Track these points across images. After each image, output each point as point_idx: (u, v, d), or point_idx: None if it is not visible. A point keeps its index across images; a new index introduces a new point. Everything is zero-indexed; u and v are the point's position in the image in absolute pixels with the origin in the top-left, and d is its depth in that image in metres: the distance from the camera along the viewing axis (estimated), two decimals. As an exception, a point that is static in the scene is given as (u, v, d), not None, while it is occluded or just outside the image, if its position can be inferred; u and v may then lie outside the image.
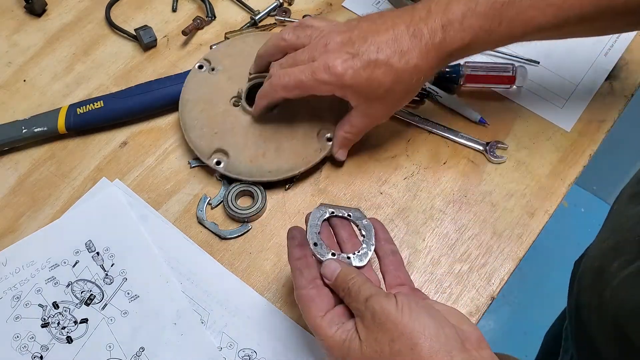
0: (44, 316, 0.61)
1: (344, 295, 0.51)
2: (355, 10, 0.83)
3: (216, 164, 0.67)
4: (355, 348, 0.48)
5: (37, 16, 0.82)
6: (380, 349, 0.46)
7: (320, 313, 0.51)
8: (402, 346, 0.46)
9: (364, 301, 0.49)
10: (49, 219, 0.67)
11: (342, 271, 0.52)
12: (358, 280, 0.51)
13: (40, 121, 0.71)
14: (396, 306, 0.47)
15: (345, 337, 0.49)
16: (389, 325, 0.46)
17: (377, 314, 0.47)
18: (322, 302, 0.52)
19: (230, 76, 0.72)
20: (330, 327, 0.50)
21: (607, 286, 0.61)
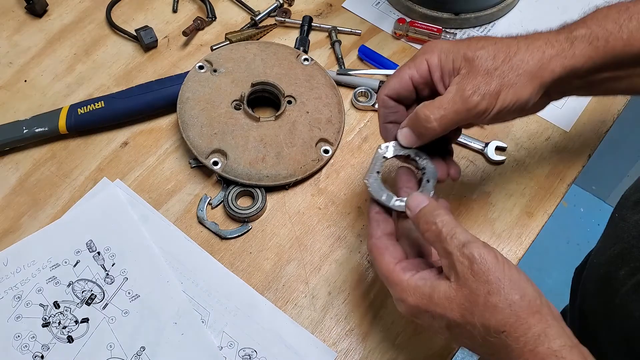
0: (45, 316, 0.61)
1: (427, 232, 0.49)
2: (355, 11, 0.84)
3: (213, 164, 0.67)
4: (442, 292, 0.46)
5: (38, 16, 0.82)
6: (474, 299, 0.45)
7: (394, 260, 0.50)
8: (500, 301, 0.44)
9: (459, 246, 0.47)
10: (50, 218, 0.67)
11: (429, 205, 0.50)
12: (449, 222, 0.48)
13: (41, 121, 0.71)
14: (496, 259, 0.46)
15: (423, 282, 0.48)
16: (490, 277, 0.45)
17: (476, 262, 0.45)
18: (395, 252, 0.51)
19: (233, 80, 0.73)
20: (405, 272, 0.49)
21: (616, 295, 0.60)
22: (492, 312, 0.44)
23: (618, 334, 0.61)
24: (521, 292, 0.45)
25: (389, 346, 0.61)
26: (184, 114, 0.70)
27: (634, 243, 0.61)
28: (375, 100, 0.75)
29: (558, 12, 0.84)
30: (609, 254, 0.65)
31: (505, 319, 0.44)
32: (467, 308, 0.45)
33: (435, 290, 0.47)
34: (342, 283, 0.64)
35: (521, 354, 0.44)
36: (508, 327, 0.44)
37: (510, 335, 0.44)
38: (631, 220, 0.64)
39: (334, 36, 0.80)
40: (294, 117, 0.71)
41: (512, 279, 0.45)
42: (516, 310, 0.44)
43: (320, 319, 0.62)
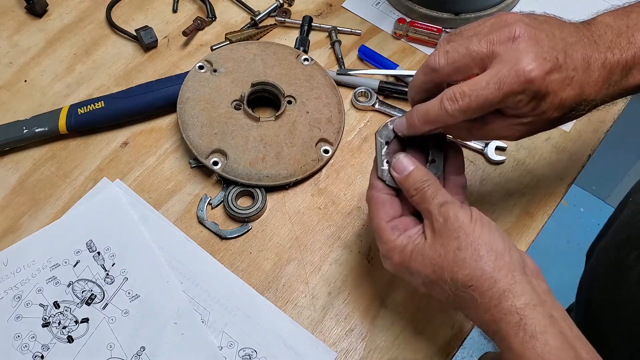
0: (45, 316, 0.61)
1: (414, 195, 0.51)
2: (355, 11, 0.84)
3: (213, 164, 0.67)
4: (418, 249, 0.49)
5: (38, 17, 0.82)
6: (444, 254, 0.48)
7: (386, 218, 0.52)
8: (468, 256, 0.47)
9: (438, 205, 0.49)
10: (50, 218, 0.67)
11: (416, 170, 0.52)
12: (434, 184, 0.51)
13: (41, 121, 0.71)
14: (470, 218, 0.48)
15: (406, 243, 0.50)
16: (460, 234, 0.47)
17: (450, 219, 0.48)
18: (391, 209, 0.53)
19: (233, 79, 0.73)
20: (393, 232, 0.51)
21: (625, 279, 0.60)
22: (460, 267, 0.47)
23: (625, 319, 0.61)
24: (489, 248, 0.47)
25: (389, 346, 0.61)
26: (184, 114, 0.70)
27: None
28: (374, 101, 0.75)
29: (558, 12, 0.83)
30: (619, 239, 0.65)
31: (472, 273, 0.46)
32: (437, 263, 0.48)
33: (415, 248, 0.50)
34: (342, 283, 0.64)
35: (487, 308, 0.46)
36: (474, 281, 0.46)
37: (476, 289, 0.46)
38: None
39: (334, 36, 0.80)
40: (294, 117, 0.71)
41: (481, 236, 0.47)
42: (482, 266, 0.46)
43: (320, 319, 0.62)
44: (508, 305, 0.45)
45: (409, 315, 0.62)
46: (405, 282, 0.63)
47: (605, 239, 0.71)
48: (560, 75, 0.48)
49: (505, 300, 0.45)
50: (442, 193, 0.51)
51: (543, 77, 0.47)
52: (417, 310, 0.63)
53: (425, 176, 0.51)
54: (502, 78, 0.47)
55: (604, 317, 0.65)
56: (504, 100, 0.47)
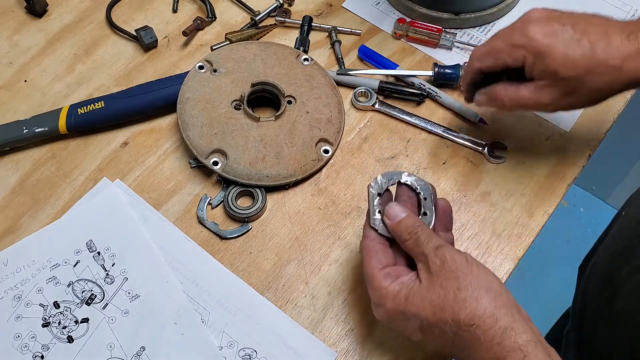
0: (45, 316, 0.61)
1: (407, 240, 0.52)
2: (355, 11, 0.84)
3: (213, 164, 0.67)
4: (414, 292, 0.50)
5: (38, 17, 0.82)
6: (443, 294, 0.48)
7: (379, 265, 0.53)
8: (469, 295, 0.47)
9: (433, 248, 0.50)
10: (50, 218, 0.67)
11: (408, 217, 0.53)
12: (426, 230, 0.52)
13: (41, 121, 0.71)
14: (466, 261, 0.49)
15: (399, 288, 0.51)
16: (459, 274, 0.48)
17: (447, 262, 0.49)
18: (384, 257, 0.53)
19: (233, 79, 0.73)
20: (386, 279, 0.52)
21: (617, 294, 0.60)
22: (461, 306, 0.47)
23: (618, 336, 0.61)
24: (488, 288, 0.48)
25: (388, 346, 0.61)
26: (184, 114, 0.70)
27: (636, 242, 0.61)
28: (375, 101, 0.75)
29: (558, 12, 0.84)
30: (612, 252, 0.65)
31: (474, 312, 0.47)
32: (438, 305, 0.48)
33: (410, 292, 0.50)
34: (342, 283, 0.64)
35: (490, 347, 0.46)
36: (477, 319, 0.47)
37: (479, 327, 0.46)
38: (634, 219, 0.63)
39: (334, 36, 0.80)
40: (294, 117, 0.71)
41: (479, 277, 0.49)
42: (483, 304, 0.47)
43: (320, 319, 0.62)
44: (511, 343, 0.46)
45: (409, 315, 0.62)
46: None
47: (597, 253, 0.71)
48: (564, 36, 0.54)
49: (508, 337, 0.46)
50: (436, 238, 0.52)
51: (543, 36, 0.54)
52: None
53: (417, 222, 0.53)
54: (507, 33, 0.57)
55: (598, 329, 0.65)
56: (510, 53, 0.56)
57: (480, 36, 0.82)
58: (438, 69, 0.75)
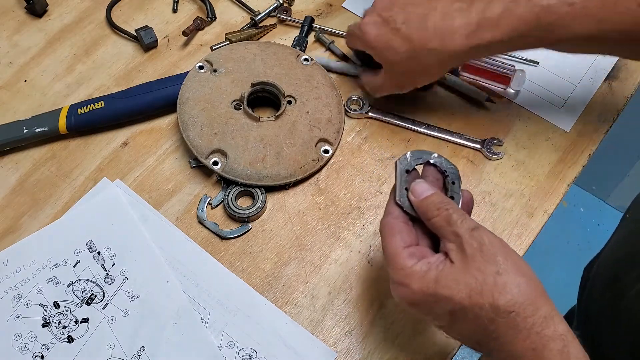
0: (45, 316, 0.61)
1: (435, 217, 0.50)
2: (355, 10, 0.84)
3: (213, 164, 0.67)
4: (446, 274, 0.47)
5: (38, 17, 0.82)
6: (482, 278, 0.45)
7: (402, 244, 0.50)
8: (509, 281, 0.45)
9: (469, 229, 0.48)
10: (50, 218, 0.67)
11: (436, 194, 0.51)
12: (458, 209, 0.50)
13: (41, 121, 0.71)
14: (503, 244, 0.47)
15: (427, 269, 0.48)
16: (499, 259, 0.46)
17: (486, 244, 0.46)
18: (407, 236, 0.51)
19: (233, 79, 0.73)
20: (411, 258, 0.49)
21: (623, 297, 0.60)
22: (501, 292, 0.45)
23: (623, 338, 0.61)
24: (527, 275, 0.46)
25: (389, 346, 0.61)
26: (184, 114, 0.70)
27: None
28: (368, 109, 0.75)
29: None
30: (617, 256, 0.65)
31: (515, 299, 0.44)
32: (474, 288, 0.45)
33: (441, 273, 0.47)
34: (342, 283, 0.64)
35: (528, 335, 0.44)
36: (517, 307, 0.44)
37: (519, 315, 0.44)
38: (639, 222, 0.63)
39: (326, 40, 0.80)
40: (294, 117, 0.71)
41: (518, 263, 0.46)
42: (524, 291, 0.45)
43: (320, 319, 0.62)
44: (551, 332, 0.44)
45: (409, 315, 0.62)
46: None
47: (602, 256, 0.71)
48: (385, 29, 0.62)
49: (548, 326, 0.44)
50: (470, 218, 0.49)
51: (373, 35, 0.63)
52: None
53: (446, 199, 0.50)
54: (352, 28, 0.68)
55: (602, 330, 0.65)
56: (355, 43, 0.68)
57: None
58: None
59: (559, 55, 0.79)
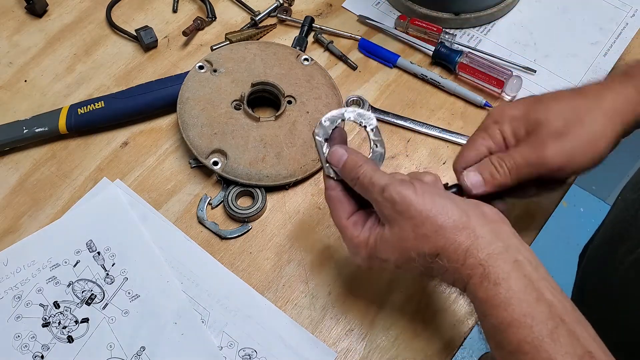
0: (45, 316, 0.61)
1: (355, 185, 0.52)
2: (355, 11, 0.84)
3: (213, 164, 0.67)
4: (380, 238, 0.50)
5: (38, 17, 0.82)
6: (404, 236, 0.48)
7: (345, 215, 0.53)
8: (427, 230, 0.48)
9: (380, 192, 0.49)
10: (50, 218, 0.67)
11: (349, 158, 0.52)
12: (367, 170, 0.51)
13: (41, 121, 0.71)
14: (415, 193, 0.48)
15: (368, 235, 0.51)
16: (412, 212, 0.48)
17: (397, 202, 0.48)
18: (348, 205, 0.53)
19: (233, 79, 0.73)
20: (356, 227, 0.52)
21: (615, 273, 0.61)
22: (423, 242, 0.48)
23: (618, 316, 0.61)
24: (444, 216, 0.48)
25: (389, 346, 0.61)
26: (184, 114, 0.70)
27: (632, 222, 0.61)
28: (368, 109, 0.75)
29: (558, 11, 0.84)
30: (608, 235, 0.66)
31: (436, 244, 0.47)
32: (401, 246, 0.49)
33: (377, 238, 0.51)
34: (342, 283, 0.64)
35: (455, 269, 0.47)
36: (440, 250, 0.48)
37: (443, 256, 0.48)
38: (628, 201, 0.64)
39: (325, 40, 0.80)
40: (294, 117, 0.71)
41: (434, 207, 0.48)
42: (443, 233, 0.47)
43: (320, 318, 0.62)
44: (472, 261, 0.46)
45: (409, 315, 0.62)
46: (405, 284, 0.63)
47: (595, 238, 0.72)
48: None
49: (469, 257, 0.46)
50: (378, 176, 0.50)
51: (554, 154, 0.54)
52: (417, 310, 0.63)
53: (359, 162, 0.52)
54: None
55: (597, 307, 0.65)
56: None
57: (480, 36, 0.82)
58: (440, 47, 0.77)
59: (559, 55, 0.79)
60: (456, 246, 0.47)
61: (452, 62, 0.77)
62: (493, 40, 0.81)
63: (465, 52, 0.77)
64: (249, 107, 0.70)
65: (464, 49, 0.78)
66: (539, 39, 0.81)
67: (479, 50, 0.78)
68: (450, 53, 0.77)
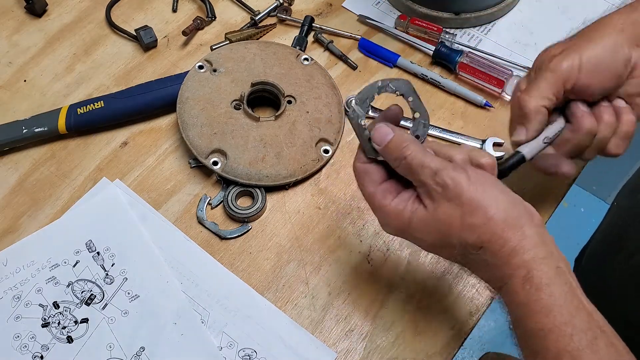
0: (45, 316, 0.61)
1: (399, 165, 0.49)
2: (355, 10, 0.84)
3: (213, 164, 0.67)
4: (419, 217, 0.48)
5: (38, 16, 0.82)
6: (449, 221, 0.47)
7: (374, 184, 0.51)
8: (476, 219, 0.46)
9: (431, 175, 0.48)
10: (50, 219, 0.67)
11: (396, 137, 0.50)
12: (417, 151, 0.49)
13: (41, 121, 0.71)
14: (468, 180, 0.47)
15: (403, 207, 0.49)
16: (464, 200, 0.46)
17: (449, 187, 0.47)
18: (376, 174, 0.51)
19: (233, 79, 0.72)
20: (385, 196, 0.50)
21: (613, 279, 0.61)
22: (469, 232, 0.46)
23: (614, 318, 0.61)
24: (495, 209, 0.46)
25: (389, 346, 0.61)
26: (183, 114, 0.70)
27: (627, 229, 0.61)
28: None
29: (558, 11, 0.84)
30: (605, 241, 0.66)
31: (482, 236, 0.46)
32: (443, 231, 0.47)
33: (413, 215, 0.49)
34: (342, 283, 0.64)
35: (497, 266, 0.46)
36: (485, 243, 0.46)
37: (487, 250, 0.46)
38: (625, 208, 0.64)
39: (325, 40, 0.80)
40: (294, 117, 0.71)
41: (485, 198, 0.47)
42: (492, 227, 0.46)
43: (320, 319, 0.62)
44: (517, 261, 0.45)
45: (409, 316, 0.62)
46: (405, 284, 0.63)
47: (592, 243, 0.72)
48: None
49: (514, 256, 0.45)
50: (430, 159, 0.48)
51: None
52: (417, 310, 0.62)
53: (405, 142, 0.49)
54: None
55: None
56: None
57: (481, 36, 0.82)
58: (440, 47, 0.77)
59: (559, 55, 0.79)
60: (502, 243, 0.46)
61: (452, 61, 0.77)
62: (493, 40, 0.81)
63: (466, 51, 0.77)
64: (248, 107, 0.70)
65: (464, 48, 0.78)
66: (539, 39, 0.81)
67: (479, 50, 0.79)
68: (450, 53, 0.77)
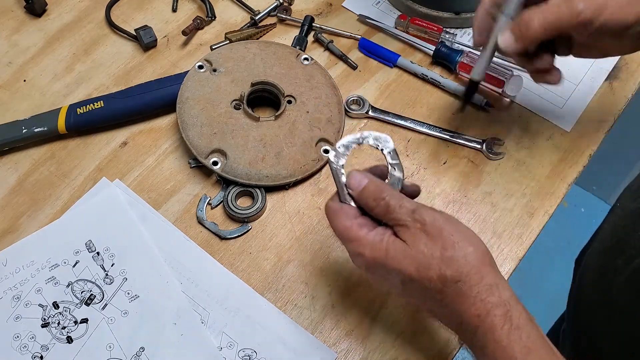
0: (44, 316, 0.61)
1: (374, 207, 0.51)
2: (355, 10, 0.83)
3: (213, 164, 0.67)
4: (397, 249, 0.49)
5: (37, 16, 0.82)
6: (430, 253, 0.48)
7: (349, 218, 0.52)
8: (456, 254, 0.48)
9: (409, 212, 0.49)
10: (49, 219, 0.67)
11: (370, 183, 0.51)
12: (395, 194, 0.51)
13: (41, 121, 0.71)
14: (446, 219, 0.49)
15: (380, 239, 0.50)
16: (444, 234, 0.48)
17: (428, 224, 0.49)
18: (350, 210, 0.52)
19: (233, 79, 0.72)
20: (361, 228, 0.51)
21: (613, 283, 0.60)
22: (448, 265, 0.47)
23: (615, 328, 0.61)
24: (473, 246, 0.48)
25: (389, 347, 0.61)
26: (183, 114, 0.70)
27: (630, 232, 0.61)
28: (368, 109, 0.75)
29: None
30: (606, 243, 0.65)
31: (461, 269, 0.47)
32: (422, 263, 0.48)
33: (390, 246, 0.49)
34: (342, 284, 0.64)
35: (473, 302, 0.47)
36: (463, 276, 0.47)
37: (465, 283, 0.47)
38: (628, 210, 0.64)
39: (325, 39, 0.80)
40: (294, 117, 0.71)
41: (464, 235, 0.49)
42: (470, 261, 0.48)
43: (320, 319, 0.62)
44: (495, 298, 0.47)
45: (409, 316, 0.62)
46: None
47: (592, 246, 0.72)
48: None
49: (492, 293, 0.47)
50: (407, 200, 0.51)
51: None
52: (417, 310, 0.62)
53: (380, 186, 0.51)
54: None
55: (593, 318, 0.65)
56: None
57: (481, 36, 0.81)
58: (441, 47, 0.77)
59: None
60: (480, 278, 0.47)
61: (452, 61, 0.77)
62: (493, 40, 0.81)
63: (466, 51, 0.77)
64: (248, 107, 0.70)
65: (465, 48, 0.78)
66: (539, 39, 0.80)
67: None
68: (450, 52, 0.77)
